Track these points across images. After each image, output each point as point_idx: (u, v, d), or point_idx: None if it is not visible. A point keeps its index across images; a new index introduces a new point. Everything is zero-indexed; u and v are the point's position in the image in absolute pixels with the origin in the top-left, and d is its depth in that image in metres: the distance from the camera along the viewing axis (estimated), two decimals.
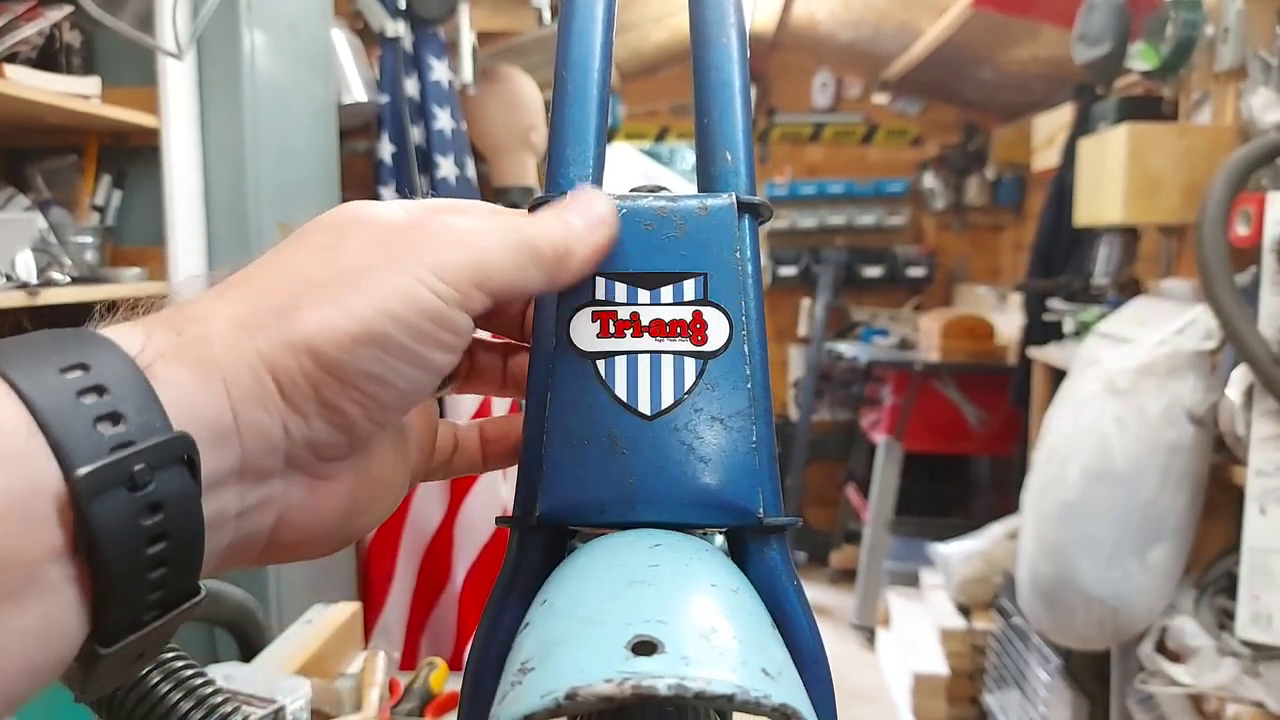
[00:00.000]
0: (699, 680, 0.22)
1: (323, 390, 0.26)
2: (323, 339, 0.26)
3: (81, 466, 0.21)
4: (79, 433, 0.22)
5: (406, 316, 0.27)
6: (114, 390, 0.23)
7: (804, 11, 3.75)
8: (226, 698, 0.54)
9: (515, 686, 0.23)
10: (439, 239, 0.28)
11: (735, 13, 0.37)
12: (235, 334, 0.25)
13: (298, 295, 0.26)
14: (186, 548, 0.24)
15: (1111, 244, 2.25)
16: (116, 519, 0.22)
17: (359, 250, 0.27)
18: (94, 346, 0.23)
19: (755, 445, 0.32)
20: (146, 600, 0.23)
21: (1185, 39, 1.94)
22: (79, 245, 1.62)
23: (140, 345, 0.24)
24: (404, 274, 0.27)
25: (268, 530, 0.28)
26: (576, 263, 0.31)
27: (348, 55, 2.16)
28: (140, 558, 0.23)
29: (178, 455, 0.23)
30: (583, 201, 0.32)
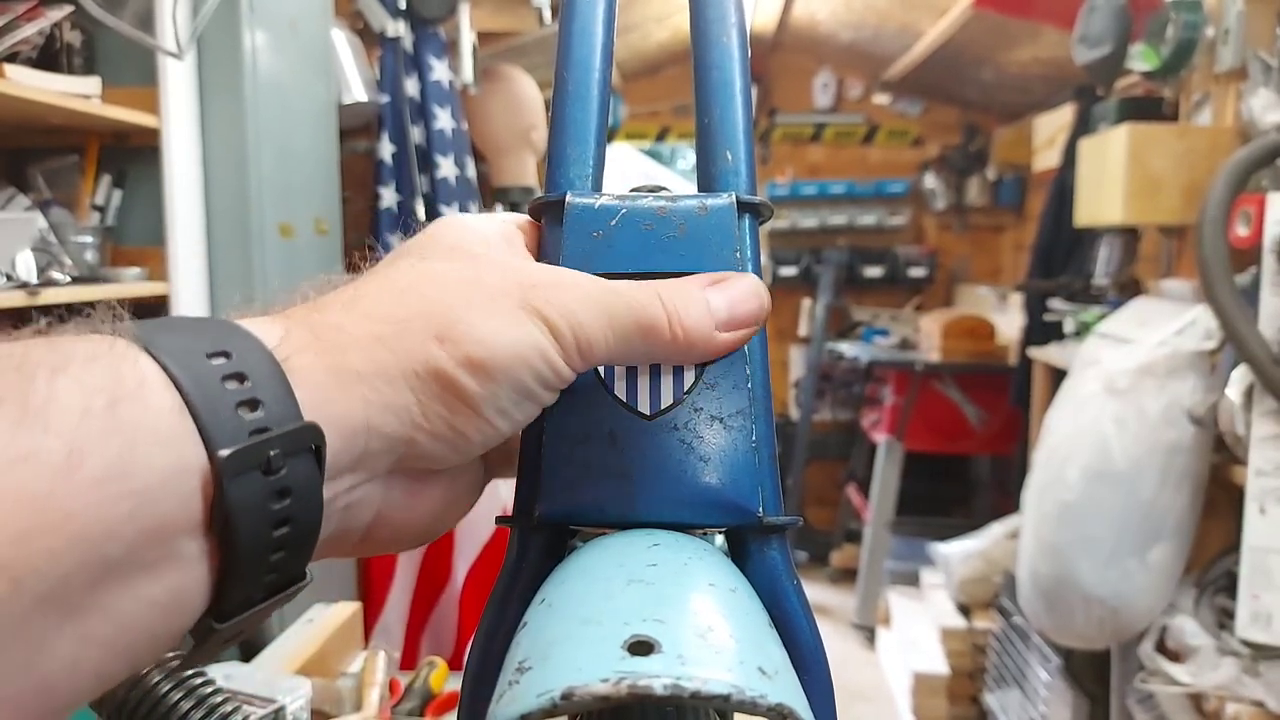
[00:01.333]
0: (695, 680, 0.22)
1: (456, 417, 0.28)
2: (465, 374, 0.27)
3: (224, 448, 0.22)
4: (223, 416, 0.23)
5: (535, 363, 0.28)
6: (254, 378, 0.24)
7: (805, 12, 3.75)
8: (226, 697, 0.54)
9: (512, 686, 0.23)
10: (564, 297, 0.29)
11: (736, 12, 0.37)
12: (376, 349, 0.27)
13: (439, 324, 0.28)
14: (306, 533, 0.25)
15: (1112, 244, 2.25)
16: (250, 500, 0.23)
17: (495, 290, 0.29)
18: (235, 336, 0.25)
19: (755, 445, 0.32)
20: (264, 581, 0.25)
21: (1186, 40, 1.94)
22: (79, 245, 1.62)
23: (278, 339, 0.26)
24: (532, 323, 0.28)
25: (364, 525, 0.29)
26: (696, 356, 0.31)
27: (348, 55, 2.16)
28: (267, 539, 0.24)
29: (307, 444, 0.24)
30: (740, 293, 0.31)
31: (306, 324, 0.27)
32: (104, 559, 0.21)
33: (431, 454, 0.28)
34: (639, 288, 0.30)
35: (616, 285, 0.30)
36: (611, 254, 0.32)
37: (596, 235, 0.33)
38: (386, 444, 0.27)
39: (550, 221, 0.34)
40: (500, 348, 0.28)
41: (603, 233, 0.33)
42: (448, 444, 0.28)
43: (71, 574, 0.20)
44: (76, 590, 0.20)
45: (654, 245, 0.32)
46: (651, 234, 0.33)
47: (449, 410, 0.28)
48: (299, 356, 0.25)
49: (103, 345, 0.23)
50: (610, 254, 0.32)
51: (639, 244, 0.32)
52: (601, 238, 0.33)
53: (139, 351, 0.23)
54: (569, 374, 0.30)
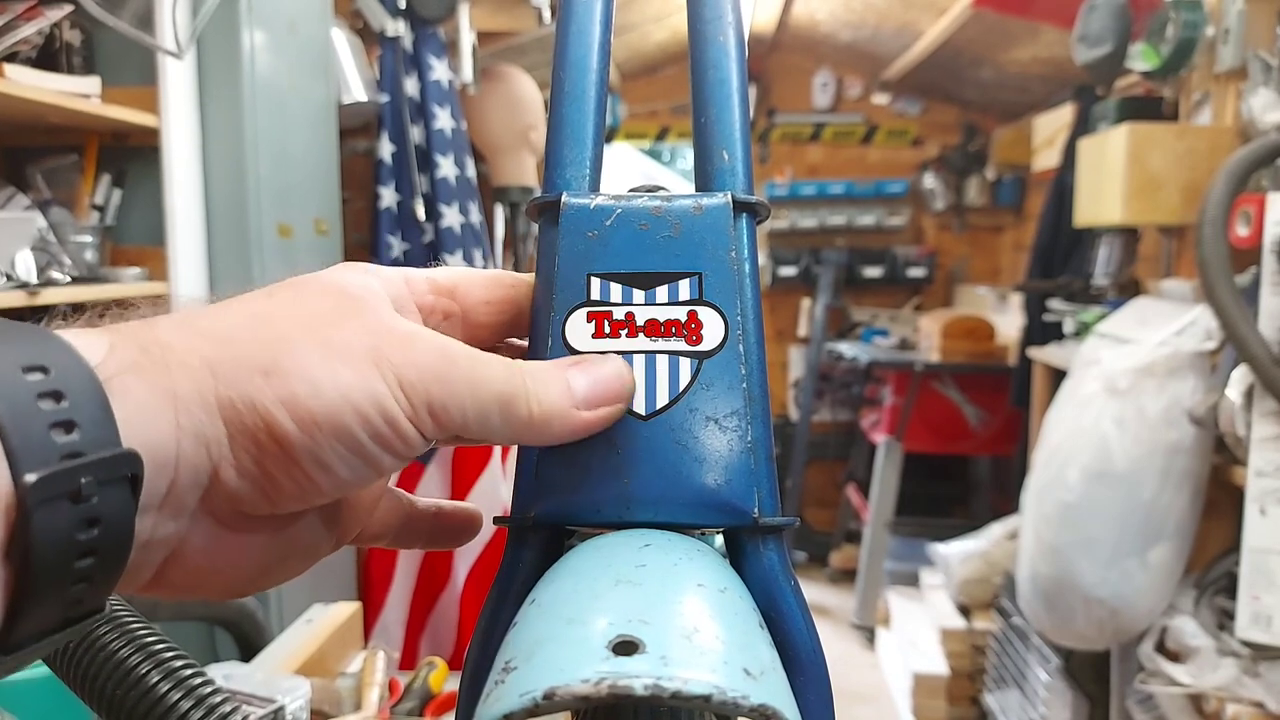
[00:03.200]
0: (677, 680, 0.22)
1: (268, 458, 0.26)
2: (284, 414, 0.25)
3: (31, 473, 0.21)
4: (34, 437, 0.21)
5: (370, 417, 0.26)
6: (71, 397, 0.22)
7: (804, 12, 3.75)
8: (226, 697, 0.54)
9: (497, 686, 0.23)
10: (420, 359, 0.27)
11: (733, 12, 0.37)
12: (201, 372, 0.25)
13: (274, 356, 0.26)
14: (111, 565, 0.23)
15: (1111, 244, 2.25)
16: (56, 529, 0.21)
17: (349, 334, 0.27)
18: (56, 349, 0.23)
19: (751, 445, 0.32)
20: (60, 613, 0.23)
21: (1186, 40, 1.94)
22: (79, 245, 1.62)
23: (102, 355, 0.24)
24: (376, 376, 0.27)
25: (158, 563, 0.27)
26: (553, 436, 0.30)
27: (348, 55, 2.16)
28: (69, 570, 0.22)
29: (123, 472, 0.23)
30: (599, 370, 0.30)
31: (135, 340, 0.25)
32: None
33: (239, 495, 0.26)
34: (504, 363, 0.29)
35: (484, 356, 0.29)
36: (607, 254, 0.32)
37: (592, 235, 0.33)
38: (192, 476, 0.25)
39: (546, 222, 0.34)
40: (333, 394, 0.26)
41: (598, 233, 0.33)
42: (256, 487, 0.26)
43: None
44: None
45: (649, 245, 0.32)
46: (647, 234, 0.32)
47: (260, 451, 0.25)
48: (123, 376, 0.23)
49: None
50: (606, 254, 0.32)
51: (634, 244, 0.32)
52: (597, 238, 0.33)
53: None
54: (414, 438, 0.27)
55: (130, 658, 0.47)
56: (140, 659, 0.47)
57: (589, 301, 0.32)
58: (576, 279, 0.32)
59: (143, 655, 0.47)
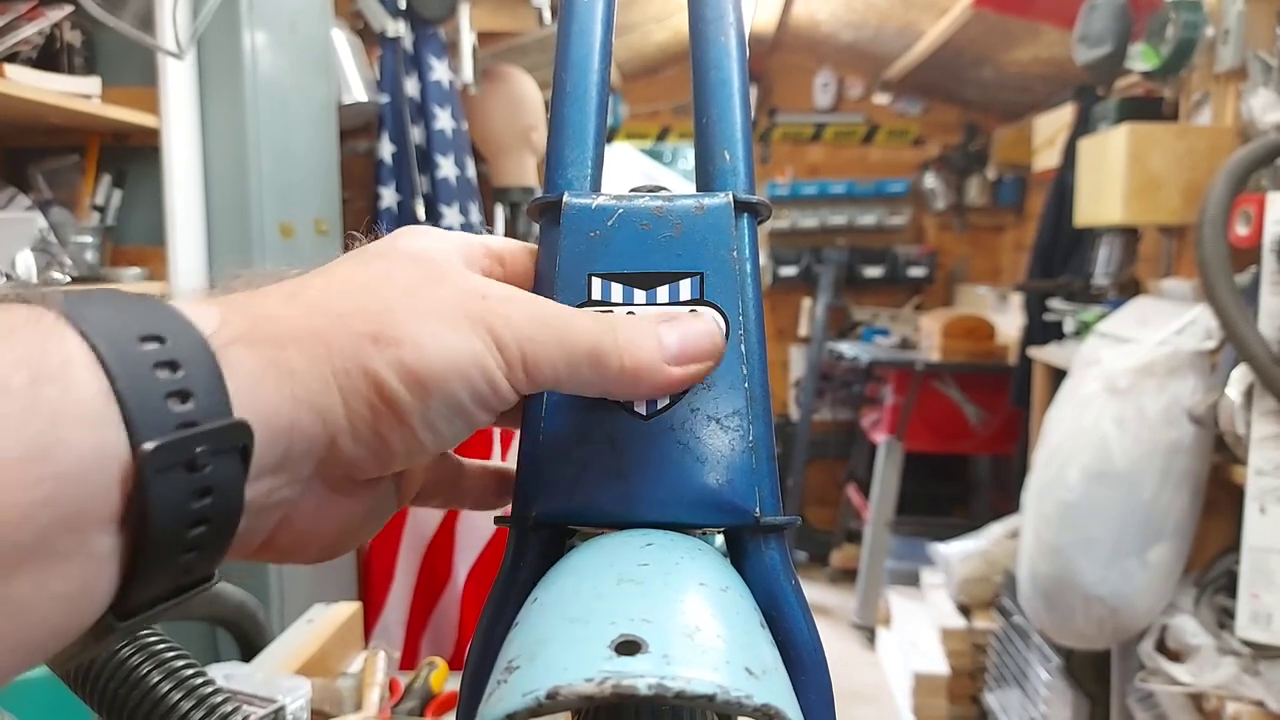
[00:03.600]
0: (680, 680, 0.22)
1: (382, 421, 0.26)
2: (391, 377, 0.26)
3: (149, 441, 0.21)
4: (151, 406, 0.22)
5: (473, 378, 0.27)
6: (186, 367, 0.22)
7: (805, 12, 3.75)
8: (227, 697, 0.54)
9: (500, 685, 0.23)
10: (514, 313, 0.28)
11: (734, 12, 0.37)
12: (310, 342, 0.26)
13: (380, 324, 0.26)
14: (221, 534, 0.24)
15: (1112, 244, 2.25)
16: (171, 497, 0.22)
17: (445, 298, 0.28)
18: (171, 319, 0.23)
19: (752, 445, 0.32)
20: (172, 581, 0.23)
21: (1185, 40, 1.94)
22: (79, 245, 1.62)
23: (215, 326, 0.24)
24: (475, 336, 0.27)
25: (268, 529, 0.27)
26: (646, 389, 0.30)
27: (348, 55, 2.16)
28: (182, 538, 0.23)
29: (235, 443, 0.23)
30: (695, 329, 0.31)
31: (245, 312, 0.25)
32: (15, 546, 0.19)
33: (352, 460, 0.27)
34: (594, 317, 0.30)
35: (572, 311, 0.30)
36: (608, 254, 0.32)
37: (593, 235, 0.33)
38: (308, 446, 0.26)
39: (548, 222, 0.34)
40: (437, 357, 0.26)
41: (599, 233, 0.33)
42: (370, 451, 0.27)
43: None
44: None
45: (651, 245, 0.32)
46: (649, 234, 0.33)
47: (374, 416, 0.26)
48: (234, 347, 0.24)
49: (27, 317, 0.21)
50: (607, 254, 0.32)
51: (636, 244, 0.32)
52: (598, 238, 0.33)
53: (66, 327, 0.22)
54: (510, 394, 0.28)
55: (131, 657, 0.47)
56: (141, 659, 0.47)
57: (590, 301, 0.32)
58: (578, 279, 0.32)
59: (144, 655, 0.47)
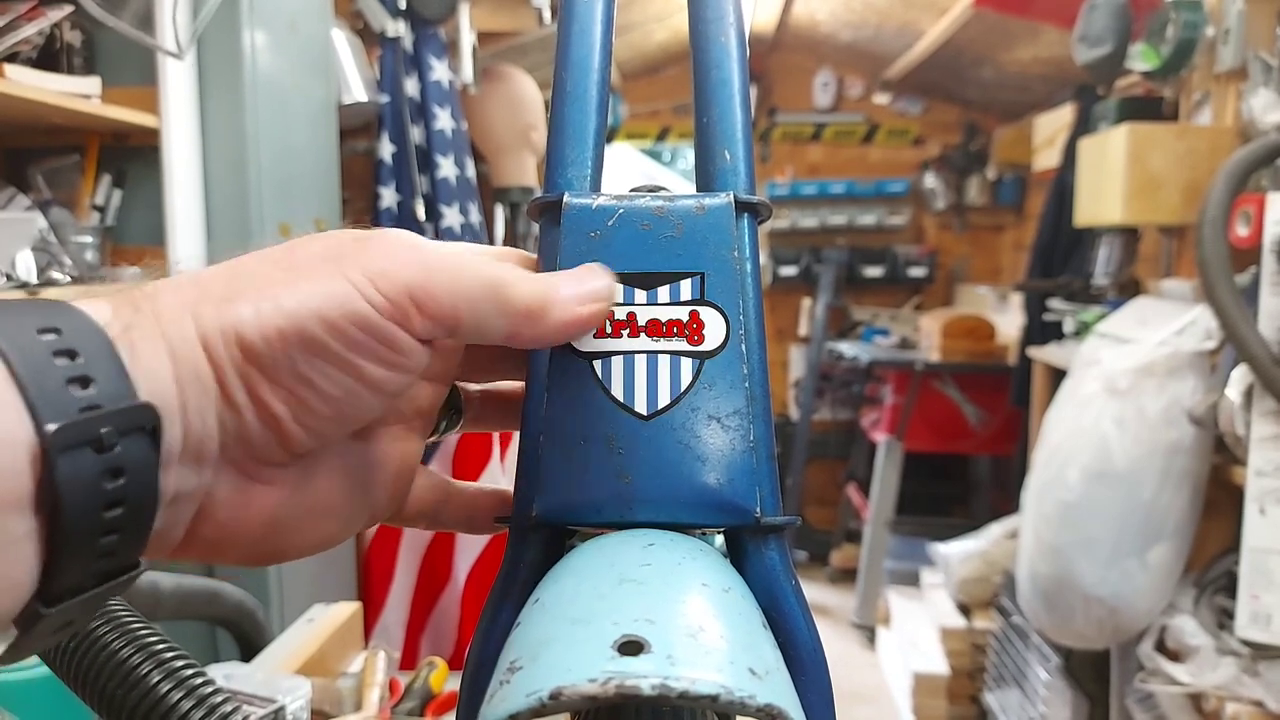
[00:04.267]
0: (683, 680, 0.22)
1: (251, 382, 0.26)
2: (250, 329, 0.26)
3: (52, 422, 0.22)
4: (51, 390, 0.22)
5: (334, 319, 0.26)
6: (85, 355, 0.23)
7: (805, 11, 3.75)
8: (227, 697, 0.54)
9: (503, 686, 0.23)
10: (389, 252, 0.27)
11: (734, 12, 0.37)
12: (180, 314, 0.26)
13: (238, 287, 0.27)
14: (139, 517, 0.24)
15: (1112, 244, 2.25)
16: (81, 477, 0.22)
17: (308, 257, 0.28)
18: (66, 314, 0.24)
19: (753, 445, 0.32)
20: (95, 565, 0.24)
21: (1186, 40, 1.94)
22: (79, 245, 1.62)
23: (108, 318, 0.25)
24: (339, 278, 0.27)
25: (188, 520, 0.27)
26: (550, 325, 0.30)
27: (348, 55, 2.16)
28: (98, 520, 0.23)
29: (142, 423, 0.24)
30: (582, 273, 0.31)
31: (130, 300, 0.26)
32: None
33: (247, 435, 0.27)
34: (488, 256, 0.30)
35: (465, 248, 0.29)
36: (609, 254, 0.32)
37: (594, 235, 0.33)
38: (200, 422, 0.26)
39: (548, 222, 0.34)
40: (290, 301, 0.26)
41: (600, 233, 0.33)
42: (258, 422, 0.27)
43: None
44: None
45: (651, 245, 0.32)
46: (649, 234, 0.33)
47: (243, 376, 0.26)
48: (127, 334, 0.25)
49: None
50: (608, 254, 0.32)
51: (636, 244, 0.32)
52: (599, 238, 0.33)
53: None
54: (401, 338, 0.27)
55: (131, 657, 0.47)
56: (141, 658, 0.47)
57: None
58: None
59: (143, 655, 0.47)
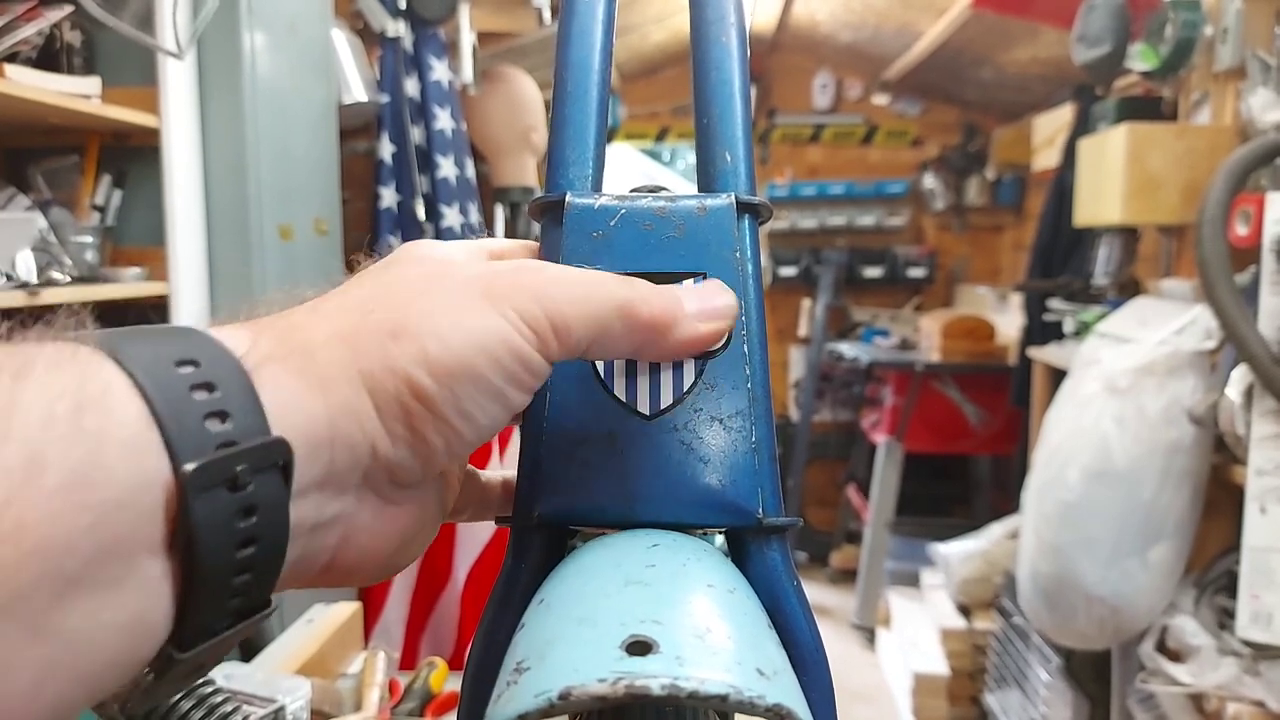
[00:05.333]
0: (693, 680, 0.22)
1: (414, 418, 0.26)
2: (418, 369, 0.26)
3: (190, 462, 0.21)
4: (190, 427, 0.22)
5: (499, 356, 0.27)
6: (222, 387, 0.23)
7: (804, 12, 3.75)
8: (227, 697, 0.54)
9: (510, 686, 0.23)
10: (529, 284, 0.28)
11: (735, 13, 0.37)
12: (338, 348, 0.26)
13: (399, 321, 0.26)
14: (272, 554, 0.24)
15: (1111, 244, 2.25)
16: (215, 518, 0.22)
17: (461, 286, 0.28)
18: (203, 344, 0.24)
19: (755, 445, 0.32)
20: (228, 606, 0.23)
21: (1184, 39, 1.94)
22: (79, 245, 1.62)
23: (246, 347, 0.24)
24: (495, 315, 0.27)
25: (332, 548, 0.27)
26: (674, 342, 0.30)
27: (348, 55, 2.16)
28: (231, 560, 0.23)
29: (275, 460, 0.23)
30: (708, 290, 0.31)
31: (272, 330, 0.26)
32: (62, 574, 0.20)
33: (396, 463, 0.27)
34: (613, 276, 0.30)
35: (591, 272, 0.30)
36: (611, 254, 0.32)
37: (596, 235, 0.33)
38: (350, 454, 0.26)
39: (550, 222, 0.34)
40: (459, 342, 0.26)
41: (602, 233, 0.33)
42: (411, 450, 0.27)
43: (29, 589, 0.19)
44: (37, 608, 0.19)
45: (653, 245, 0.32)
46: (651, 234, 0.33)
47: (407, 413, 0.26)
48: (266, 365, 0.24)
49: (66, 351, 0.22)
50: (610, 254, 0.32)
51: (638, 244, 0.32)
52: (601, 238, 0.33)
53: (104, 358, 0.22)
54: (543, 367, 0.28)
55: None
56: None
57: None
58: None
59: None
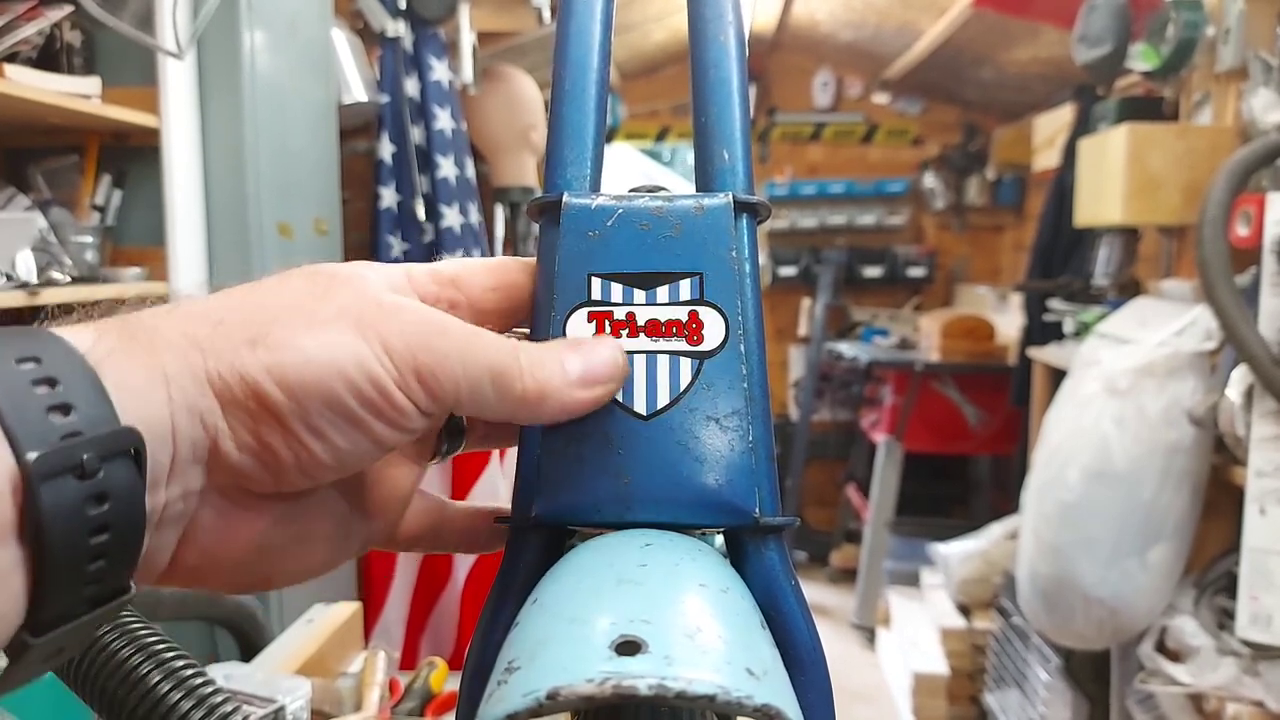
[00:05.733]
0: (681, 680, 0.22)
1: (261, 429, 0.26)
2: (267, 379, 0.26)
3: (32, 450, 0.22)
4: (31, 419, 0.22)
5: (353, 378, 0.27)
6: (65, 382, 0.23)
7: (804, 11, 3.75)
8: (227, 697, 0.54)
9: (500, 686, 0.23)
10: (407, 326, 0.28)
11: (733, 12, 0.37)
12: (187, 349, 0.26)
13: (258, 330, 0.26)
14: (126, 541, 0.24)
15: (1111, 244, 2.25)
16: (64, 505, 0.22)
17: (334, 306, 0.28)
18: (46, 342, 0.24)
19: (752, 445, 0.32)
20: (83, 592, 0.24)
21: (1186, 40, 1.94)
22: (79, 245, 1.62)
23: (90, 344, 0.25)
24: (360, 340, 0.27)
25: (172, 545, 0.27)
26: (547, 412, 0.30)
27: (348, 55, 2.16)
28: (84, 547, 0.23)
29: (124, 447, 0.23)
30: (594, 352, 0.31)
31: (120, 328, 0.26)
32: None
33: (241, 469, 0.27)
34: (499, 338, 0.29)
35: (479, 330, 0.29)
36: (608, 254, 0.32)
37: (593, 235, 0.33)
38: (191, 450, 0.26)
39: (547, 222, 0.34)
40: (315, 356, 0.26)
41: (599, 233, 0.33)
42: (257, 460, 0.27)
43: None
44: None
45: (650, 245, 0.32)
46: (648, 234, 0.32)
47: (254, 419, 0.26)
48: (110, 359, 0.24)
49: None
50: (606, 254, 0.32)
51: (635, 244, 0.32)
52: (597, 238, 0.33)
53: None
54: (406, 406, 0.27)
55: (131, 658, 0.47)
56: (141, 659, 0.47)
57: (590, 301, 0.32)
58: (577, 279, 0.32)
59: (143, 655, 0.47)
